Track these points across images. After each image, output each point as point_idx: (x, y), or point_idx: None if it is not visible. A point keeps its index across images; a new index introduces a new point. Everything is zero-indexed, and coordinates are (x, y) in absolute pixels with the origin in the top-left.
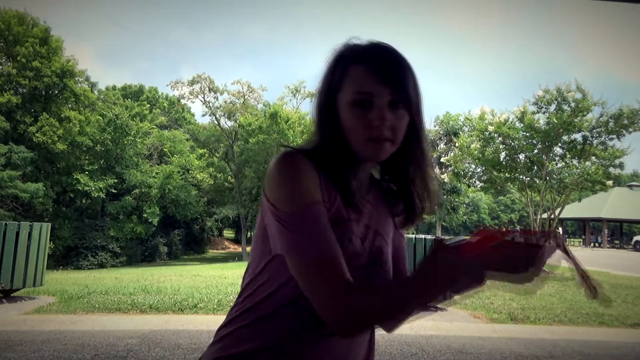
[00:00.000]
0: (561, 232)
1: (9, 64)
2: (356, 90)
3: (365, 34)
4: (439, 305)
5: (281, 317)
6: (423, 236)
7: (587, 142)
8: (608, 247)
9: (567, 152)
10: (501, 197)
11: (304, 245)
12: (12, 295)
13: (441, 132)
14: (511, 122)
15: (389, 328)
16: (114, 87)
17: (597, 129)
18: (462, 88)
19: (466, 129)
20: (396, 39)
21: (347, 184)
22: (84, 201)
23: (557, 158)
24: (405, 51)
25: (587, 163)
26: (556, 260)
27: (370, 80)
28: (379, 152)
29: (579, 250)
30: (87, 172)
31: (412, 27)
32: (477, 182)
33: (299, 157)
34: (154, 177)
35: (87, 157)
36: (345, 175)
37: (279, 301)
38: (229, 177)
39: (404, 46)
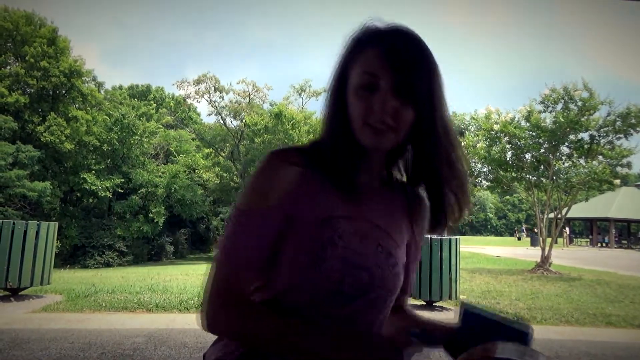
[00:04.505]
0: (568, 232)
1: (17, 64)
2: (362, 71)
3: None
4: (443, 305)
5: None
6: (428, 235)
7: (594, 141)
8: (615, 247)
9: (574, 152)
10: (507, 197)
11: (226, 241)
12: (19, 293)
13: None
14: (517, 121)
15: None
16: (120, 87)
17: (604, 128)
18: (467, 87)
19: (472, 128)
20: None
21: (344, 178)
22: (90, 200)
23: (563, 157)
24: None
25: (594, 162)
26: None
27: (377, 61)
28: (377, 138)
29: (585, 250)
30: (94, 172)
31: (415, 26)
32: (484, 182)
33: (278, 157)
34: (160, 176)
35: (94, 157)
36: (343, 168)
37: (263, 297)
38: (235, 177)
39: None
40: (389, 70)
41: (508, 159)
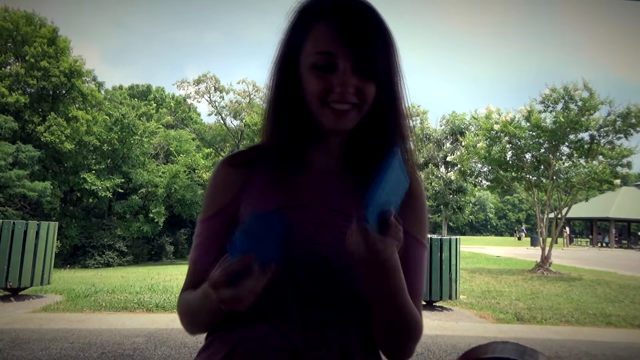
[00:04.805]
0: (568, 232)
1: (18, 64)
2: (317, 51)
3: None
4: (443, 305)
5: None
6: (428, 235)
7: (594, 141)
8: (616, 247)
9: (574, 151)
10: (508, 197)
11: (192, 246)
12: (19, 293)
13: (447, 131)
14: (517, 121)
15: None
16: (120, 87)
17: (605, 128)
18: (467, 87)
19: (472, 128)
20: (400, 38)
21: (289, 166)
22: (91, 200)
23: (563, 157)
24: (410, 51)
25: (594, 162)
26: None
27: (332, 38)
28: (339, 120)
29: (585, 250)
30: (94, 172)
31: (415, 26)
32: (484, 182)
33: (224, 163)
34: (160, 176)
35: (94, 157)
36: (288, 156)
37: None
38: None
39: (408, 45)
40: (347, 47)
41: (508, 159)
